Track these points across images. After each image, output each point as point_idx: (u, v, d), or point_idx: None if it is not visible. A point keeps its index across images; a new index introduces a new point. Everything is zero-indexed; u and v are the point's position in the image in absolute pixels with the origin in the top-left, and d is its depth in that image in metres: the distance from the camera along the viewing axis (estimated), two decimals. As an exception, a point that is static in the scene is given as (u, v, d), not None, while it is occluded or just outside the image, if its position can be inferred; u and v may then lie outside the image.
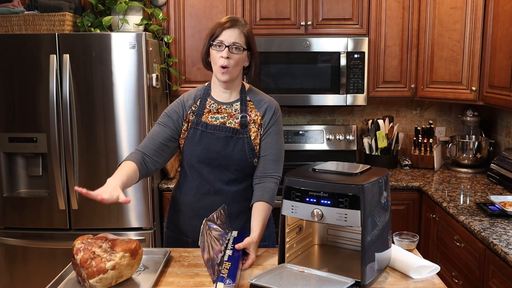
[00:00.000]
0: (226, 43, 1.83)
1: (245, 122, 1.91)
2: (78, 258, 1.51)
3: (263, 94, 2.02)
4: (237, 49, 1.84)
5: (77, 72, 2.77)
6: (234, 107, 1.95)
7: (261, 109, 1.96)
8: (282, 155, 1.98)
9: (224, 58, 1.83)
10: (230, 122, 1.92)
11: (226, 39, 1.83)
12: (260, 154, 1.94)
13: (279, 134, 1.97)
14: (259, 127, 1.94)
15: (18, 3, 3.02)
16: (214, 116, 1.93)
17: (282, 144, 1.98)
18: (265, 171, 1.93)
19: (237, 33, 1.84)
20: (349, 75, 3.20)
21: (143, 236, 2.87)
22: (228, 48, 1.83)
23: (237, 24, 1.86)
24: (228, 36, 1.83)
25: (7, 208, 2.90)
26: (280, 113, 2.00)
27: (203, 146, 1.90)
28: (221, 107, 1.95)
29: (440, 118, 3.66)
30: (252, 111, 1.95)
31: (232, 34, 1.84)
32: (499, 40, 2.75)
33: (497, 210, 2.38)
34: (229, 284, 1.47)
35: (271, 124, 1.95)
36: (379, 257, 1.56)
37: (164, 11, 3.23)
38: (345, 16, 3.24)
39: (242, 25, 1.87)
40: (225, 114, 1.94)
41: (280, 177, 1.94)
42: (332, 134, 3.54)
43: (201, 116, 1.93)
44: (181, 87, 3.28)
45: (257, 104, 1.97)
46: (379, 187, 1.54)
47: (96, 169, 2.84)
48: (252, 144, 1.92)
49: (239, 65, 1.89)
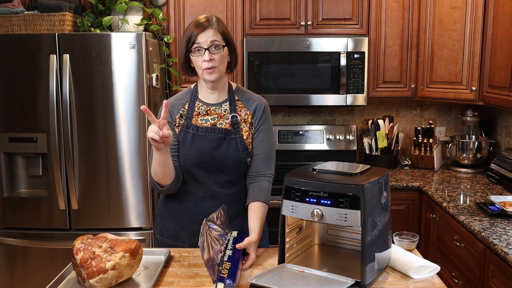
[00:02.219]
0: (205, 46, 1.82)
1: (235, 121, 1.91)
2: (78, 258, 1.51)
3: (251, 93, 2.02)
4: (216, 47, 1.83)
5: (77, 72, 2.77)
6: (223, 107, 1.94)
7: (250, 108, 1.95)
8: (274, 152, 1.99)
9: (207, 61, 1.82)
10: (221, 123, 1.91)
11: (203, 41, 1.82)
12: (252, 153, 1.94)
13: (269, 132, 1.97)
14: (250, 126, 1.94)
15: (18, 3, 3.02)
16: (204, 118, 1.92)
17: (273, 142, 1.99)
18: (258, 170, 1.93)
19: (212, 33, 1.82)
20: (349, 75, 3.20)
21: (143, 236, 2.87)
22: (208, 50, 1.82)
23: (210, 24, 1.84)
24: (204, 37, 1.82)
25: (7, 208, 2.90)
26: (269, 111, 2.00)
27: (195, 150, 1.89)
28: (210, 108, 1.94)
29: (440, 118, 3.66)
30: (241, 110, 1.95)
31: (208, 34, 1.82)
32: (499, 40, 2.75)
33: (497, 210, 2.38)
34: (229, 284, 1.47)
35: (261, 123, 1.95)
36: (379, 257, 1.56)
37: (164, 11, 3.23)
38: (345, 16, 3.24)
39: (215, 23, 1.85)
40: (214, 115, 1.93)
41: (273, 175, 1.96)
42: (332, 134, 3.54)
43: (191, 119, 1.92)
44: (181, 87, 3.28)
45: (246, 103, 1.96)
46: (379, 187, 1.54)
47: (96, 169, 2.84)
48: (245, 143, 1.91)
49: (224, 62, 1.88)
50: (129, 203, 2.86)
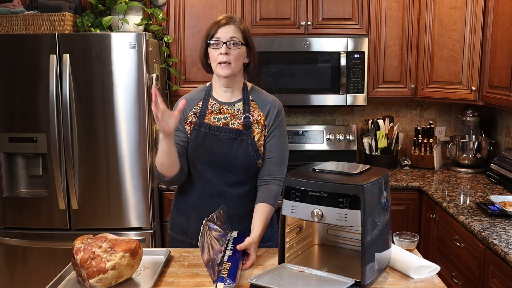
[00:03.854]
0: (224, 40, 1.82)
1: (248, 123, 1.89)
2: (78, 258, 1.51)
3: (266, 94, 2.00)
4: (235, 44, 1.83)
5: (77, 72, 2.77)
6: (236, 107, 1.93)
7: (264, 109, 1.93)
8: (287, 156, 1.98)
9: (223, 54, 1.82)
10: (233, 123, 1.90)
11: (223, 35, 1.82)
12: (265, 156, 1.92)
13: (283, 135, 1.96)
14: (263, 128, 1.92)
15: (18, 3, 3.02)
16: (217, 117, 1.91)
17: (286, 145, 1.97)
18: (270, 173, 1.93)
19: (233, 29, 1.84)
20: (349, 75, 3.20)
21: (143, 236, 2.87)
22: (226, 44, 1.82)
23: (232, 20, 1.85)
24: (224, 32, 1.83)
25: (7, 208, 2.90)
26: (283, 113, 1.98)
27: (206, 148, 1.89)
28: (223, 107, 1.93)
29: (440, 118, 3.66)
30: (255, 111, 1.93)
31: (229, 30, 1.83)
32: (499, 40, 2.75)
33: (497, 210, 2.38)
34: (229, 284, 1.47)
35: (275, 126, 1.93)
36: (379, 257, 1.56)
37: (164, 11, 3.23)
38: (345, 16, 3.24)
39: (237, 21, 1.86)
40: (227, 114, 1.92)
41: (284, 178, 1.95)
42: (332, 134, 3.54)
43: (203, 118, 1.91)
44: (181, 87, 3.28)
45: (260, 104, 1.94)
46: (379, 187, 1.54)
47: (96, 169, 2.84)
48: (256, 145, 1.89)
49: (240, 60, 1.87)
50: (129, 203, 2.86)
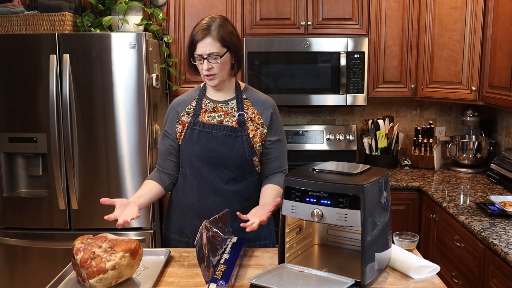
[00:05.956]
0: (204, 55, 1.85)
1: (242, 119, 1.93)
2: (78, 258, 1.51)
3: (260, 93, 2.04)
4: (214, 58, 1.85)
5: (77, 72, 2.77)
6: (230, 105, 1.97)
7: (258, 107, 1.97)
8: (286, 149, 2.07)
9: (206, 69, 1.86)
10: (227, 120, 1.94)
11: (202, 51, 1.84)
12: (270, 156, 1.98)
13: (281, 131, 2.02)
14: (258, 126, 1.95)
15: (18, 3, 3.02)
16: (211, 115, 1.95)
17: (285, 140, 2.05)
18: (278, 169, 2.01)
19: (210, 43, 1.83)
20: (349, 75, 3.20)
21: (143, 236, 2.87)
22: (206, 59, 1.85)
23: (208, 32, 1.83)
24: (203, 48, 1.84)
25: (7, 208, 2.90)
26: (277, 112, 2.03)
27: (201, 145, 1.92)
28: (217, 105, 1.97)
29: (440, 118, 3.66)
30: (249, 108, 1.97)
31: (205, 45, 1.83)
32: (499, 40, 2.75)
33: (497, 210, 2.38)
34: (221, 285, 1.47)
35: (272, 126, 1.97)
36: (379, 257, 1.56)
37: (164, 11, 3.23)
38: (345, 16, 3.24)
39: (215, 29, 1.84)
40: (221, 112, 1.95)
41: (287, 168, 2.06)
42: (332, 134, 3.54)
43: (198, 116, 1.95)
44: (181, 87, 3.28)
45: (254, 102, 1.98)
46: (379, 187, 1.54)
47: (96, 169, 2.84)
48: (251, 142, 1.93)
49: (225, 68, 1.89)
50: (129, 203, 2.86)
